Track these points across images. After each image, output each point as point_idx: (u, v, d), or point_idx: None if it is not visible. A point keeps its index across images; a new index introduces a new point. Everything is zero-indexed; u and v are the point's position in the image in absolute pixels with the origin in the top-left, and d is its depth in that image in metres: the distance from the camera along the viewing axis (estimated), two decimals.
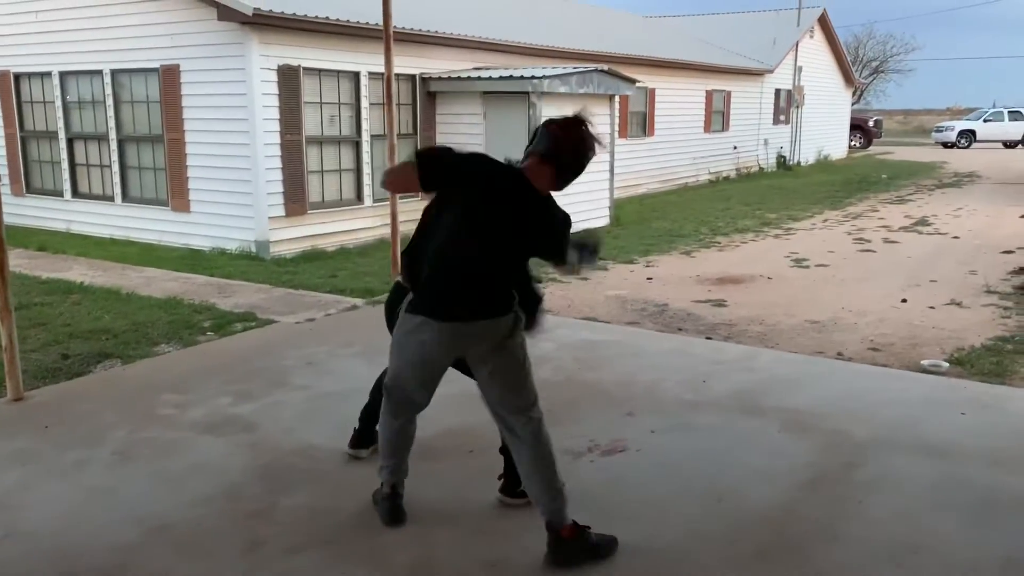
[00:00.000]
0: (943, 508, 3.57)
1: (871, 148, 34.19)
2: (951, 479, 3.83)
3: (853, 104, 34.37)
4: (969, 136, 35.31)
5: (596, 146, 3.01)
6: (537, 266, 3.25)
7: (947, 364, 5.76)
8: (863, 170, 23.76)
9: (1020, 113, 35.38)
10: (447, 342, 3.05)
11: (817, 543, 3.29)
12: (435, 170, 2.97)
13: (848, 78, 29.82)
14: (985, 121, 35.67)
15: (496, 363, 3.08)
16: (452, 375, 3.27)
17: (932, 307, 7.50)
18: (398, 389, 3.22)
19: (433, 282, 3.00)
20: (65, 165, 11.53)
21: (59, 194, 11.70)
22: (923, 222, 13.22)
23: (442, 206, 3.01)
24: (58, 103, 11.36)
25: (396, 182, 3.28)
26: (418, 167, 2.95)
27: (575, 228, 3.06)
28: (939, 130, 37.27)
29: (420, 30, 11.00)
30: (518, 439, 3.12)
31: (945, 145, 35.34)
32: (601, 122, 12.51)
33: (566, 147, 2.96)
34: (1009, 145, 34.96)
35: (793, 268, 9.49)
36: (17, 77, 11.71)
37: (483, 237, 2.95)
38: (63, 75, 11.21)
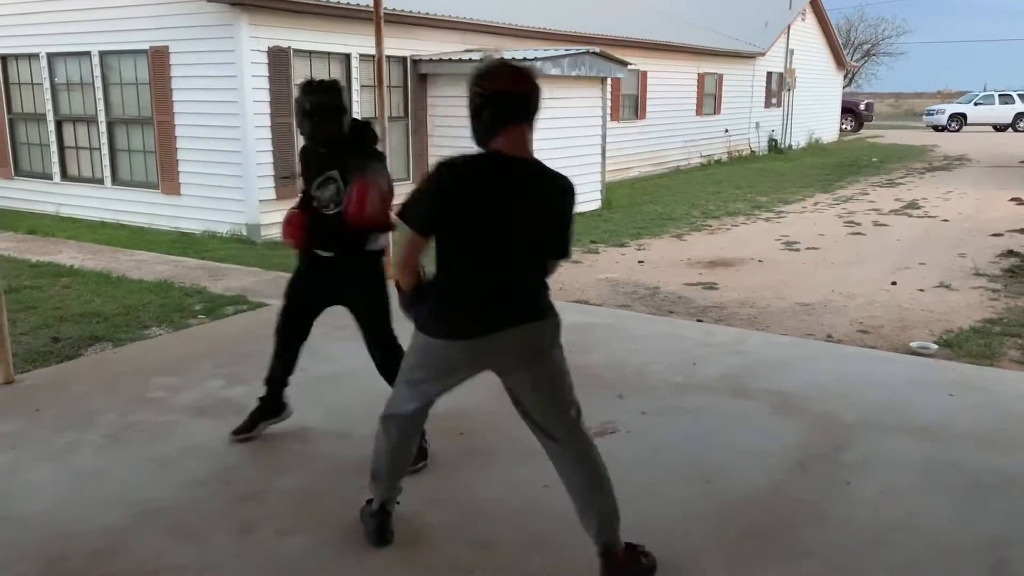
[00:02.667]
0: (931, 489, 3.61)
1: (862, 131, 34.22)
2: (939, 460, 3.87)
3: (844, 87, 34.38)
4: (960, 119, 35.36)
5: (525, 72, 2.68)
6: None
7: (936, 346, 5.80)
8: (854, 153, 23.79)
9: (1010, 96, 35.43)
10: (476, 360, 2.80)
11: (805, 523, 3.32)
12: (424, 214, 2.65)
13: (839, 61, 29.79)
14: (976, 104, 35.71)
15: (535, 374, 2.80)
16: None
17: (921, 290, 7.54)
18: (399, 418, 2.98)
19: (459, 301, 2.74)
20: (54, 148, 11.45)
21: (48, 177, 11.63)
22: (913, 205, 13.26)
23: (449, 239, 2.70)
24: (46, 85, 11.27)
25: (403, 258, 2.75)
26: (409, 224, 2.66)
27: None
28: (930, 113, 37.29)
29: (411, 11, 10.93)
30: (563, 456, 2.86)
31: (936, 128, 35.38)
32: (593, 104, 12.50)
33: (508, 96, 2.63)
34: (999, 128, 35.03)
35: (784, 251, 9.52)
36: (4, 59, 11.61)
37: (507, 234, 2.68)
38: (51, 56, 11.12)
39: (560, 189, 2.74)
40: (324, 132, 3.71)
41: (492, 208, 2.64)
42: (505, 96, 2.62)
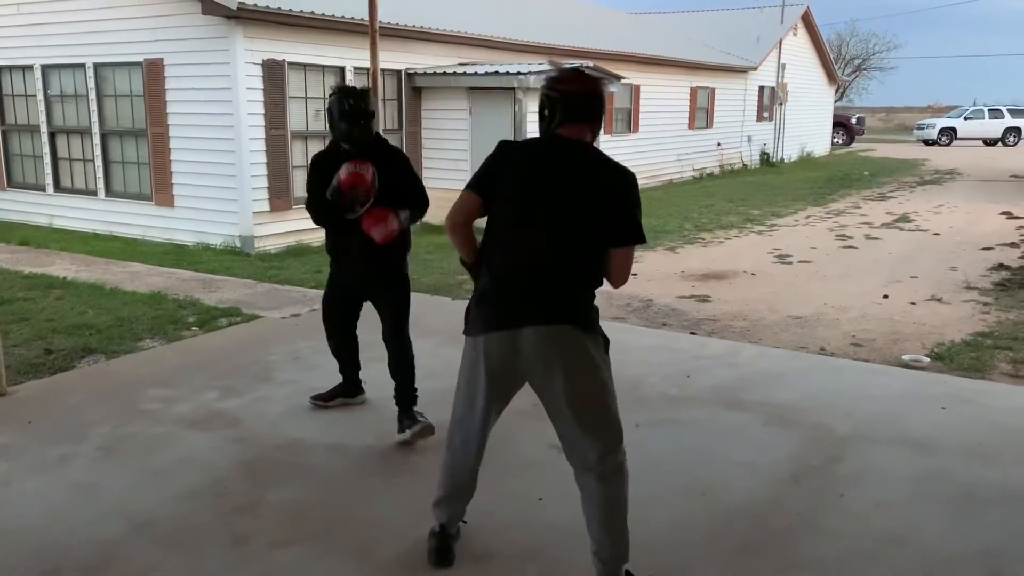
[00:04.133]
0: (923, 501, 3.62)
1: (853, 145, 34.42)
2: (931, 473, 3.88)
3: (836, 101, 34.58)
4: (950, 133, 35.60)
5: (593, 79, 2.84)
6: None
7: (928, 359, 5.83)
8: (845, 167, 23.92)
9: (1000, 111, 35.71)
10: (504, 359, 2.74)
11: (799, 536, 3.33)
12: (482, 177, 2.79)
13: (831, 76, 30.00)
14: (966, 119, 35.97)
15: (564, 384, 2.71)
16: (436, 367, 3.27)
17: (913, 303, 7.58)
18: (462, 429, 2.94)
19: (495, 287, 2.75)
20: (47, 159, 11.44)
21: (41, 188, 11.61)
22: (904, 219, 13.33)
23: (494, 211, 2.79)
24: (40, 96, 11.26)
25: (455, 213, 2.83)
26: (471, 187, 2.80)
27: None
28: (920, 127, 37.55)
29: (406, 25, 10.98)
30: (583, 485, 2.84)
31: (926, 142, 35.62)
32: None
33: (574, 97, 2.77)
34: (989, 143, 35.28)
35: (776, 264, 9.55)
36: None
37: (552, 210, 2.68)
38: (45, 68, 11.12)
39: (613, 172, 2.76)
40: (361, 133, 3.99)
41: (532, 176, 2.72)
42: (571, 97, 2.76)
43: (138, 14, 9.96)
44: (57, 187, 11.48)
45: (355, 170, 3.87)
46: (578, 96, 2.77)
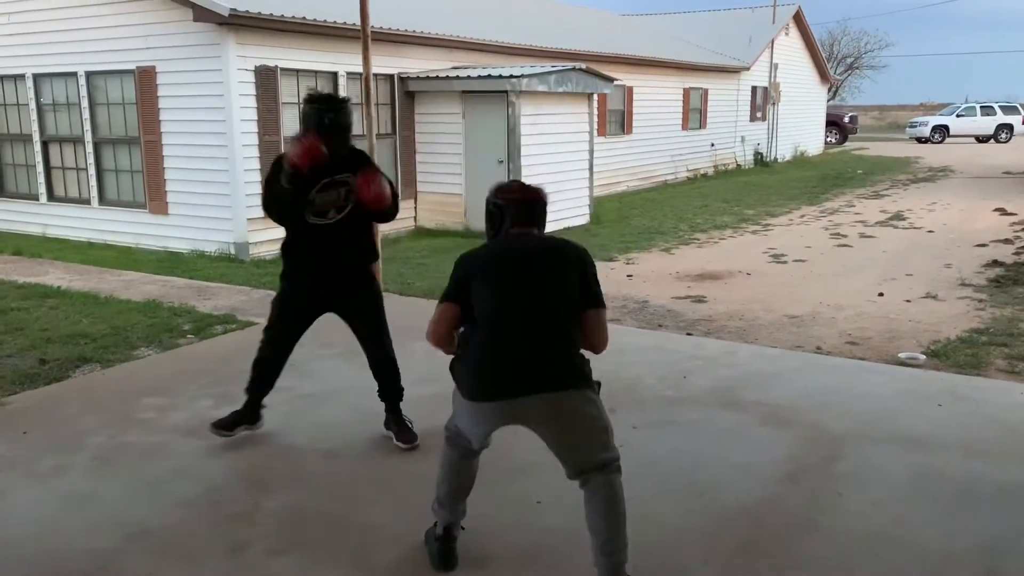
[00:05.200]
0: (921, 499, 3.62)
1: (846, 144, 34.48)
2: (928, 470, 3.89)
3: (828, 100, 34.66)
4: (942, 131, 35.67)
5: (534, 188, 3.12)
6: None
7: (923, 356, 5.83)
8: (839, 166, 23.96)
9: (992, 108, 35.79)
10: (507, 418, 2.92)
11: (798, 535, 3.33)
12: (457, 288, 2.96)
13: (823, 75, 30.06)
14: (958, 116, 36.05)
15: (562, 435, 2.91)
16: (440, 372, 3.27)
17: (908, 300, 7.59)
18: (459, 445, 3.07)
19: (484, 365, 2.90)
20: (40, 168, 11.41)
21: (35, 198, 11.58)
22: (898, 217, 13.36)
23: (475, 311, 2.94)
24: (32, 105, 11.24)
25: (437, 327, 3.01)
26: (448, 299, 2.98)
27: (556, 227, 3.01)
28: (913, 125, 37.63)
29: (398, 30, 10.98)
30: (585, 496, 2.92)
31: (919, 140, 35.69)
32: (580, 120, 12.56)
33: (518, 204, 3.05)
34: (981, 140, 35.36)
35: (771, 264, 9.56)
36: None
37: (530, 289, 2.90)
38: (37, 77, 11.09)
39: (566, 247, 3.03)
40: (338, 146, 3.86)
41: (502, 269, 2.94)
42: (518, 204, 3.05)
43: (130, 22, 9.94)
44: (50, 196, 11.45)
45: (303, 143, 3.74)
46: (524, 202, 3.05)
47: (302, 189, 3.85)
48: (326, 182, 3.89)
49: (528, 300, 2.89)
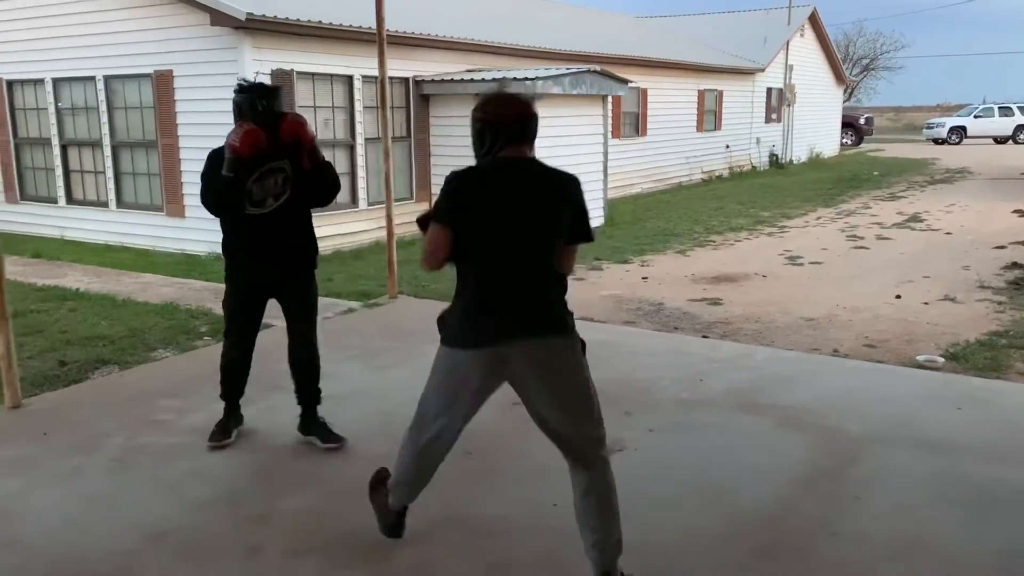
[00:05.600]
0: (940, 503, 3.59)
1: (862, 145, 34.28)
2: (948, 474, 3.86)
3: (844, 102, 34.48)
4: (960, 132, 35.42)
5: (524, 99, 2.91)
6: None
7: (942, 359, 5.79)
8: (855, 167, 23.83)
9: (1010, 109, 35.50)
10: (492, 371, 2.85)
11: (815, 540, 3.31)
12: (446, 209, 2.81)
13: (839, 76, 29.91)
14: (975, 117, 35.78)
15: (554, 391, 2.84)
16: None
17: (926, 303, 7.54)
18: (430, 427, 2.99)
19: (477, 305, 2.84)
20: (59, 172, 11.51)
21: (53, 201, 11.68)
22: (915, 218, 13.27)
23: (463, 235, 2.81)
24: (51, 109, 11.34)
25: (436, 251, 2.84)
26: (438, 220, 2.81)
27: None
28: (930, 126, 37.36)
29: (413, 33, 11.00)
30: (575, 477, 2.90)
31: (936, 141, 35.45)
32: (594, 122, 12.55)
33: (508, 121, 2.84)
34: (999, 141, 35.08)
35: (787, 266, 9.52)
36: (10, 84, 11.68)
37: (527, 224, 2.78)
38: (56, 81, 11.19)
39: (561, 180, 2.89)
40: (271, 133, 3.83)
41: (496, 199, 2.80)
42: (508, 121, 2.84)
43: (148, 26, 10.01)
44: (69, 199, 11.55)
45: (243, 129, 3.76)
46: (519, 119, 2.85)
47: (239, 179, 3.84)
48: (263, 171, 3.88)
49: (524, 235, 2.79)
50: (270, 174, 3.90)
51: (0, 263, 4.74)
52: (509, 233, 2.79)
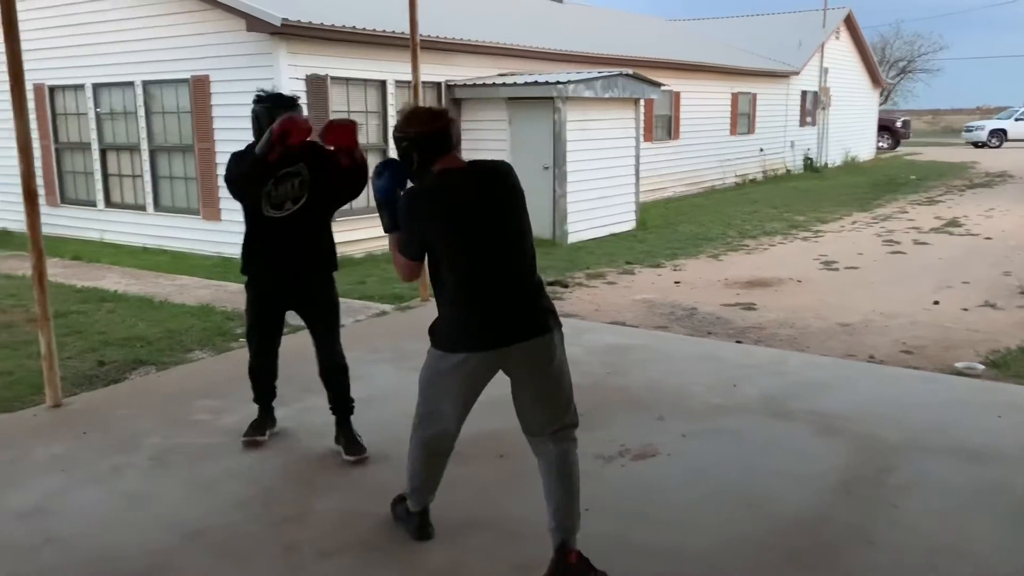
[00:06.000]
0: (980, 513, 3.53)
1: (899, 149, 33.80)
2: (988, 483, 3.79)
3: (881, 105, 34.01)
4: (1000, 135, 34.78)
5: (439, 111, 3.09)
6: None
7: (982, 366, 5.69)
8: (891, 171, 23.52)
9: None
10: (489, 371, 2.97)
11: (851, 548, 3.27)
12: (409, 242, 2.95)
13: (875, 79, 29.52)
14: (1016, 120, 35.12)
15: (540, 385, 2.97)
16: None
17: (965, 309, 7.41)
18: (433, 424, 3.10)
19: (470, 311, 2.91)
20: (98, 176, 11.72)
21: (92, 204, 11.90)
22: (954, 223, 13.06)
23: (434, 253, 2.93)
24: (91, 115, 11.56)
25: (409, 274, 3.07)
26: (403, 254, 2.99)
27: (603, 232, 3.00)
28: (969, 129, 36.74)
29: (446, 38, 11.06)
30: (542, 454, 3.03)
31: (975, 145, 34.84)
32: (626, 126, 12.52)
33: (428, 135, 2.96)
34: None
35: (822, 271, 9.42)
36: (52, 90, 11.92)
37: (492, 226, 2.89)
38: (96, 87, 11.40)
39: (502, 171, 3.00)
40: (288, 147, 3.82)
41: (453, 214, 2.88)
42: (427, 136, 2.95)
43: (185, 32, 10.17)
44: (108, 203, 11.75)
45: (293, 119, 3.77)
46: (436, 134, 2.95)
47: (259, 180, 3.87)
48: (281, 174, 3.90)
49: (495, 239, 2.88)
50: (288, 178, 3.95)
51: (43, 266, 4.84)
52: (480, 241, 2.87)
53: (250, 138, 4.06)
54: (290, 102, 4.01)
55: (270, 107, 3.94)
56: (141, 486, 3.87)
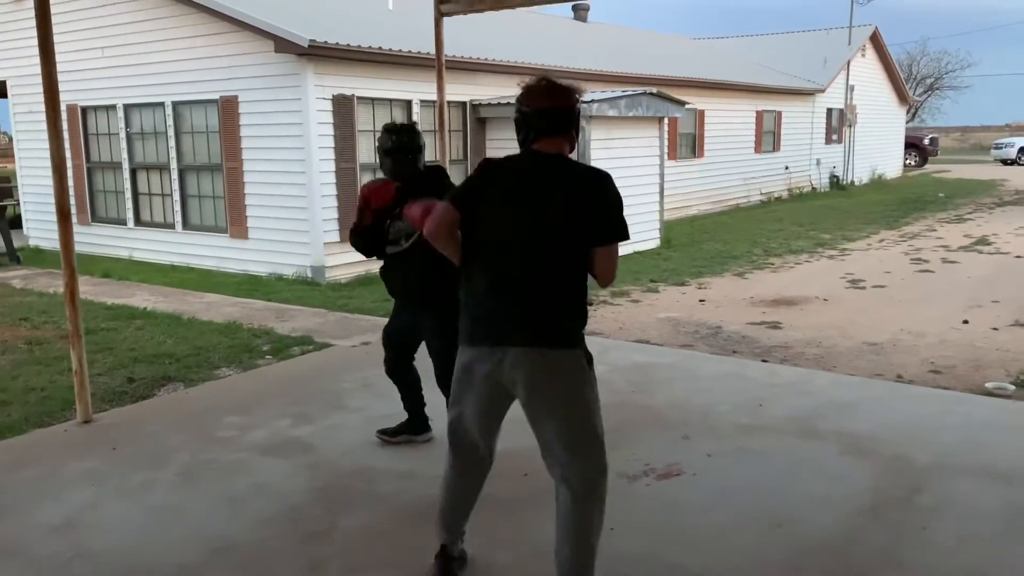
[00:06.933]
0: (1012, 536, 3.47)
1: (927, 166, 33.53)
2: (1019, 505, 3.73)
3: (908, 122, 33.78)
4: None
5: (562, 88, 2.83)
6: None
7: (1012, 387, 5.61)
8: (919, 189, 23.31)
9: None
10: (493, 374, 2.78)
11: (880, 571, 3.23)
12: (463, 193, 2.86)
13: (902, 96, 29.35)
14: None
15: (546, 407, 2.75)
16: None
17: (995, 328, 7.32)
18: (455, 433, 2.99)
19: (470, 301, 2.83)
20: (128, 195, 11.91)
21: (123, 223, 12.08)
22: (983, 241, 12.91)
23: (474, 226, 2.83)
24: (122, 135, 11.76)
25: (438, 226, 2.85)
26: (452, 200, 2.86)
27: (627, 250, 2.87)
28: (998, 147, 36.40)
29: (471, 58, 11.16)
30: (558, 495, 2.83)
31: (1005, 162, 34.50)
32: (650, 144, 12.53)
33: (543, 113, 2.79)
34: None
35: (849, 289, 9.34)
36: (84, 110, 12.16)
37: (531, 224, 2.71)
38: (127, 107, 11.61)
39: (586, 175, 2.79)
40: (402, 168, 4.13)
41: (502, 196, 2.76)
42: (541, 113, 2.79)
43: (214, 54, 10.35)
44: (137, 221, 11.93)
45: (368, 188, 4.13)
46: (547, 111, 2.79)
47: (372, 237, 4.20)
48: (397, 212, 4.09)
49: (525, 236, 2.70)
50: (400, 216, 4.08)
51: (75, 283, 4.92)
52: (516, 232, 2.72)
53: (278, 157, 4.30)
54: (405, 131, 4.20)
55: (385, 134, 4.23)
56: (169, 501, 3.91)
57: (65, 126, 11.78)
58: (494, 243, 2.76)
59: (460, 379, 2.90)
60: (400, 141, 4.12)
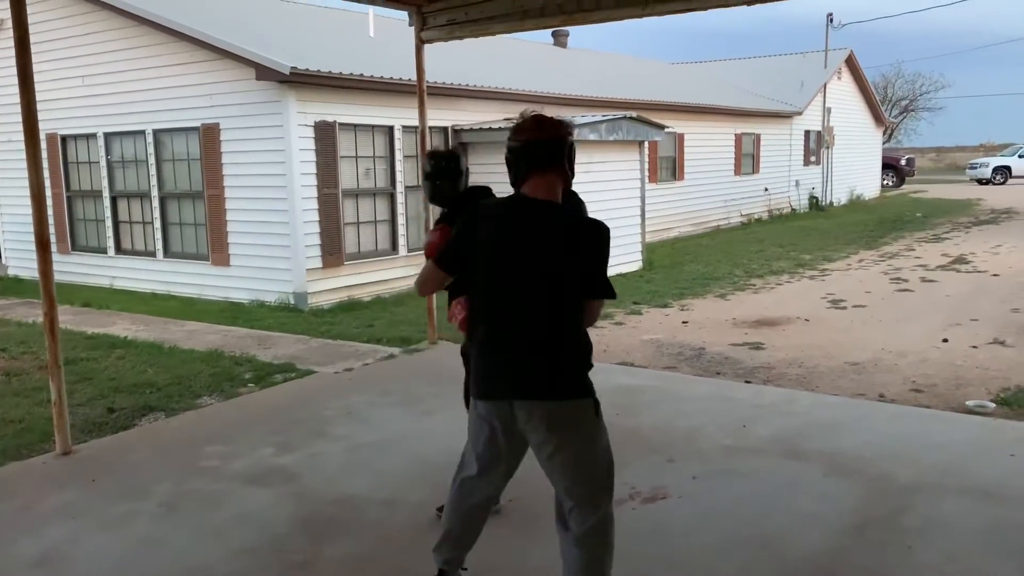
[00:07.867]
0: (996, 553, 3.49)
1: (904, 187, 33.93)
2: (1003, 523, 3.75)
3: (884, 143, 34.23)
4: (1004, 172, 34.91)
5: (550, 122, 2.81)
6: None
7: (993, 404, 5.66)
8: (897, 209, 23.58)
9: None
10: (503, 425, 2.74)
11: None
12: (448, 252, 2.86)
13: (878, 118, 29.76)
14: (1020, 156, 35.28)
15: (555, 452, 2.72)
16: None
17: (975, 346, 7.38)
18: (465, 466, 2.96)
19: (478, 352, 2.80)
20: (109, 223, 11.84)
21: (103, 251, 12.00)
22: (961, 260, 13.06)
23: (471, 279, 2.82)
24: (103, 163, 11.71)
25: (424, 286, 2.98)
26: (436, 262, 2.89)
27: (609, 273, 2.83)
28: (973, 167, 36.90)
29: (452, 84, 11.22)
30: (564, 538, 2.81)
31: (980, 182, 34.96)
32: (631, 168, 12.62)
33: (532, 146, 2.76)
34: None
35: (830, 309, 9.41)
36: (64, 139, 12.10)
37: (521, 278, 2.67)
38: (107, 136, 11.58)
39: (576, 225, 2.72)
40: (441, 192, 4.11)
41: (496, 245, 2.71)
42: (529, 146, 2.75)
43: (195, 81, 10.35)
44: (118, 249, 11.86)
45: (437, 231, 4.04)
46: (536, 143, 2.74)
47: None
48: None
49: (523, 286, 2.65)
50: None
51: (54, 314, 4.88)
52: (510, 283, 2.67)
53: (260, 184, 4.23)
54: (442, 157, 4.20)
55: (425, 159, 4.25)
56: (151, 533, 3.86)
57: (45, 155, 11.76)
58: (495, 297, 2.72)
59: (475, 429, 2.86)
60: (438, 165, 4.11)
